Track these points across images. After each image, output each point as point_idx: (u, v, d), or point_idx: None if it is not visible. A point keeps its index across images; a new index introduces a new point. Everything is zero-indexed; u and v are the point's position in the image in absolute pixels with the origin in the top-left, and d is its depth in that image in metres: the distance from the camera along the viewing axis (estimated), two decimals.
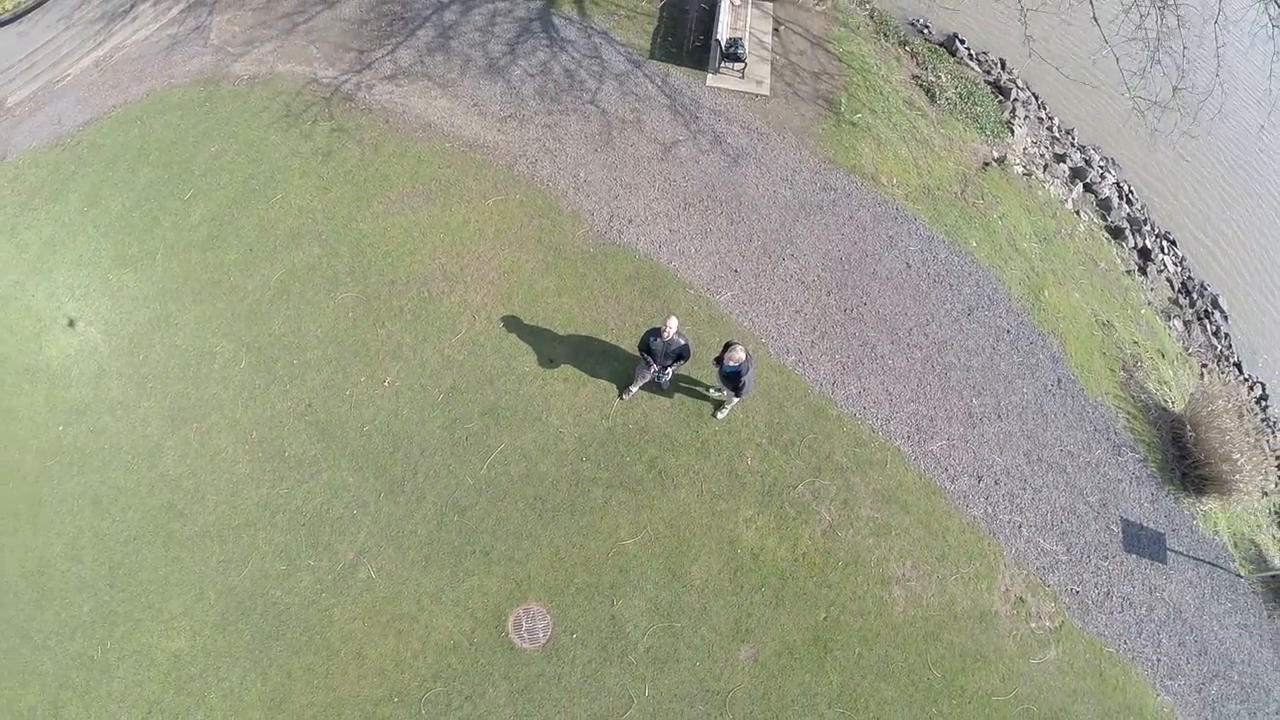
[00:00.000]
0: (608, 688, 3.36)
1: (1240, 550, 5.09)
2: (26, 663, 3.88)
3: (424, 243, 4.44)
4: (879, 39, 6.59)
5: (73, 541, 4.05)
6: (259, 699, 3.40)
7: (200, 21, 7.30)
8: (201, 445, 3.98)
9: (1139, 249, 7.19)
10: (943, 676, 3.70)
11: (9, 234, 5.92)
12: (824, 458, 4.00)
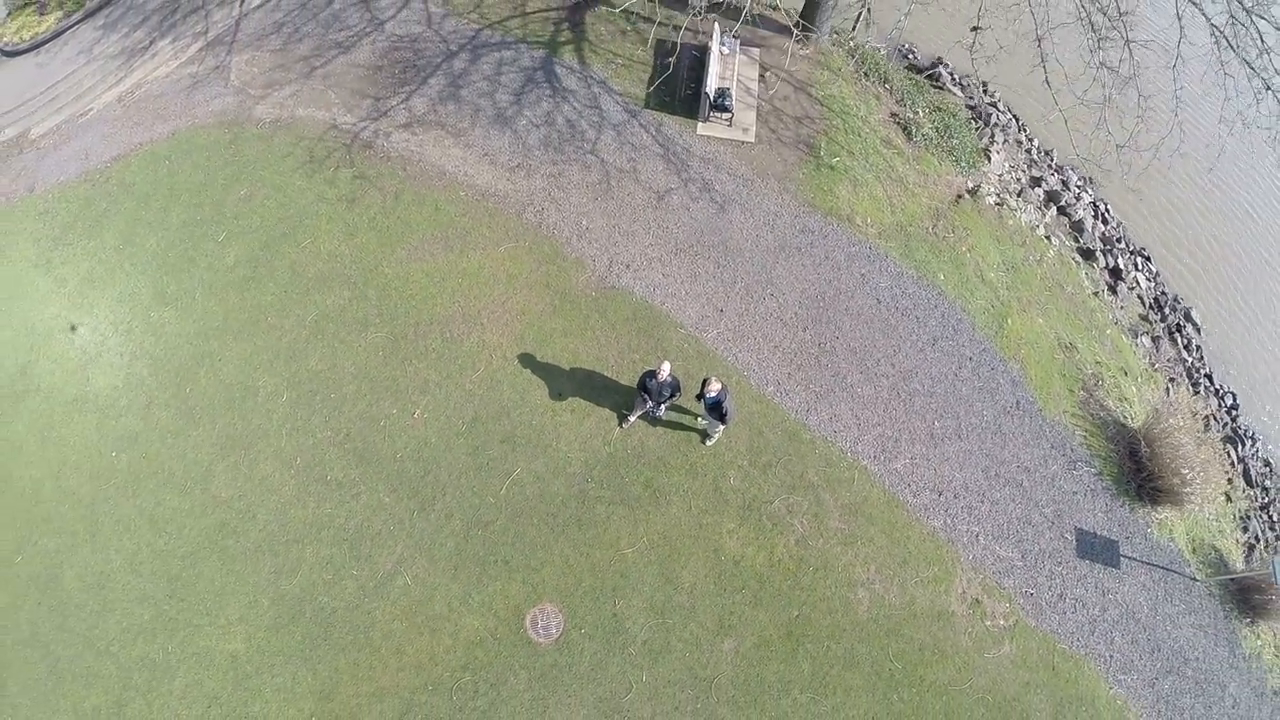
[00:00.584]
0: (611, 675, 4.19)
1: (1199, 555, 5.93)
2: (90, 667, 4.68)
3: (444, 287, 5.27)
4: (860, 79, 7.40)
5: (131, 557, 4.86)
6: (310, 691, 4.20)
7: (220, 61, 8.11)
8: (250, 470, 4.78)
9: (1110, 268, 8.00)
10: (903, 668, 4.55)
11: (45, 268, 6.72)
12: (798, 476, 4.84)
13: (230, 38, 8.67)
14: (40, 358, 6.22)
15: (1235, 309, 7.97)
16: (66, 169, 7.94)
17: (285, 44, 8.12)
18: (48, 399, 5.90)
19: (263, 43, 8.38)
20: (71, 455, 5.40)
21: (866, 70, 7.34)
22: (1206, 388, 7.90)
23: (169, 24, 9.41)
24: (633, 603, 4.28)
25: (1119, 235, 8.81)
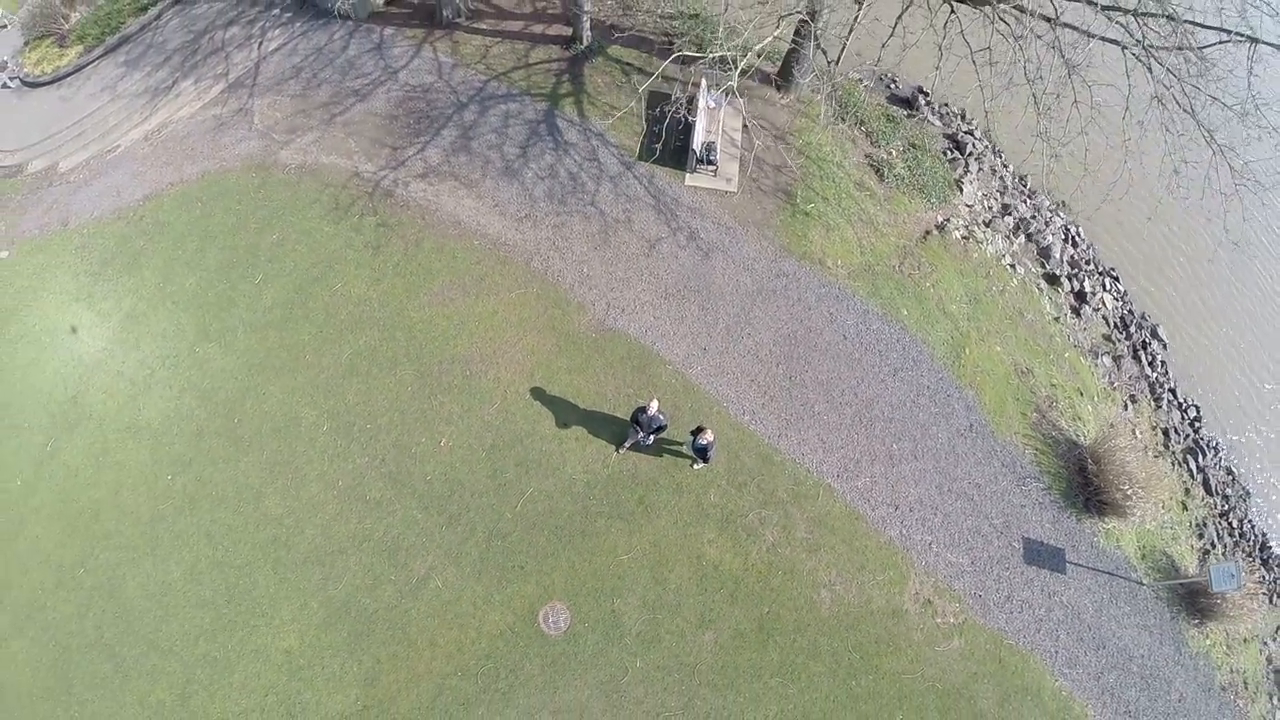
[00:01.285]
0: (610, 662, 5.31)
1: (1149, 561, 7.07)
2: (154, 665, 5.78)
3: (463, 329, 6.41)
4: (837, 123, 8.50)
5: (190, 568, 5.96)
6: (355, 680, 5.30)
7: (243, 104, 9.17)
8: (298, 491, 5.89)
9: (1075, 292, 9.12)
10: (860, 658, 5.71)
11: (87, 301, 7.78)
12: (769, 494, 6.00)
13: (251, 81, 9.73)
14: (89, 388, 7.26)
15: (1203, 324, 8.99)
16: (99, 205, 9.01)
17: (304, 89, 9.21)
18: (100, 426, 6.95)
19: (283, 87, 9.45)
20: (128, 478, 6.48)
21: (844, 114, 8.44)
22: (1170, 401, 8.91)
23: (190, 64, 10.46)
24: (628, 601, 5.40)
25: (1089, 257, 9.87)
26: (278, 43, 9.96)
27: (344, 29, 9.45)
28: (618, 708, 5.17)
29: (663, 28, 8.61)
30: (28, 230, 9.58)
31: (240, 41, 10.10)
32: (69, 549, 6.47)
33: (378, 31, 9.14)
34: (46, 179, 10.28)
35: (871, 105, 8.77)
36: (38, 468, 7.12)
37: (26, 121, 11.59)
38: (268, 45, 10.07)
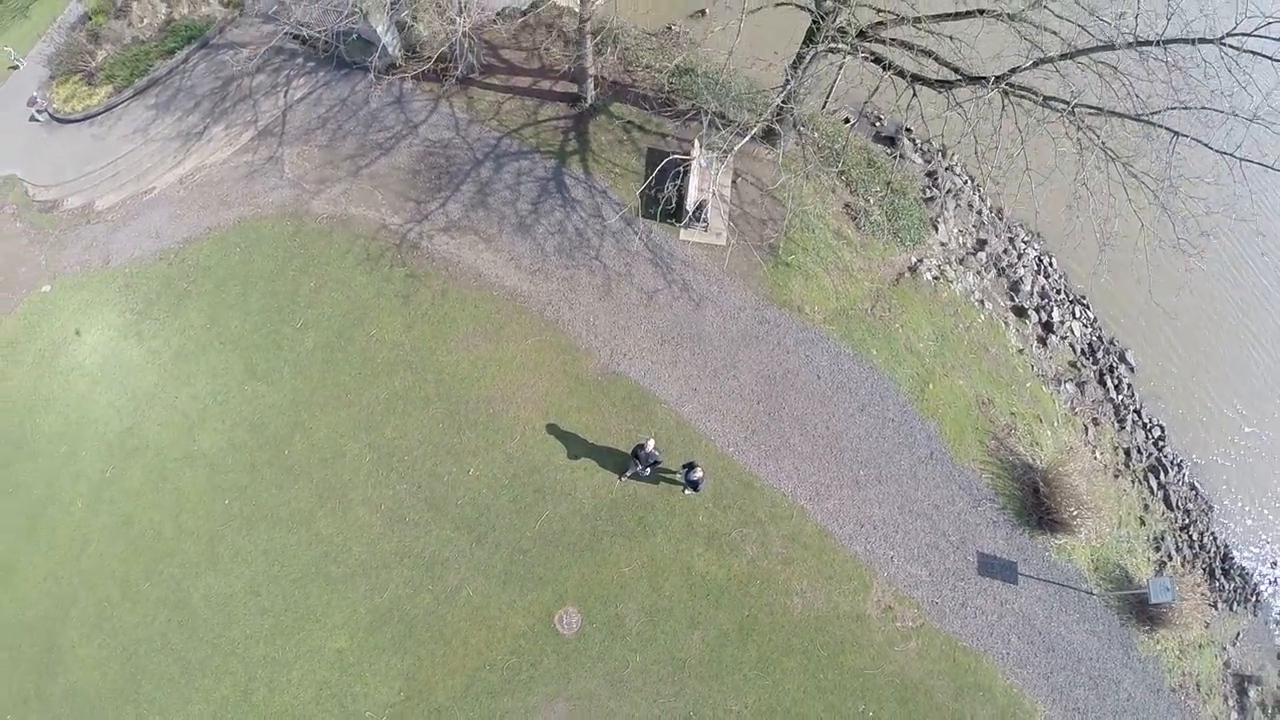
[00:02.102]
0: (614, 657, 6.73)
1: (1100, 573, 8.38)
2: (218, 666, 7.15)
3: (486, 373, 7.84)
4: (818, 176, 9.91)
5: (250, 581, 7.33)
6: (398, 674, 6.71)
7: (273, 153, 10.52)
8: (345, 514, 7.29)
9: (1043, 323, 10.50)
10: (828, 655, 7.13)
11: (137, 338, 9.10)
12: (750, 514, 7.45)
13: (280, 129, 11.10)
14: (145, 420, 8.59)
15: (1172, 347, 10.25)
16: (140, 245, 10.34)
17: (331, 140, 10.57)
18: (159, 455, 8.30)
19: (310, 137, 10.81)
20: (187, 502, 7.82)
21: (825, 164, 9.84)
22: (1134, 422, 10.22)
23: (220, 110, 11.82)
24: (629, 605, 6.84)
25: (1060, 286, 11.26)
26: (303, 92, 11.33)
27: (365, 81, 10.82)
28: (621, 695, 6.59)
29: (660, 84, 10.06)
30: (69, 266, 10.93)
31: (267, 89, 11.47)
32: (134, 565, 7.78)
33: (397, 85, 10.56)
34: (84, 216, 11.62)
35: (854, 149, 10.21)
36: (98, 492, 8.46)
37: (60, 157, 12.99)
38: (293, 94, 11.43)
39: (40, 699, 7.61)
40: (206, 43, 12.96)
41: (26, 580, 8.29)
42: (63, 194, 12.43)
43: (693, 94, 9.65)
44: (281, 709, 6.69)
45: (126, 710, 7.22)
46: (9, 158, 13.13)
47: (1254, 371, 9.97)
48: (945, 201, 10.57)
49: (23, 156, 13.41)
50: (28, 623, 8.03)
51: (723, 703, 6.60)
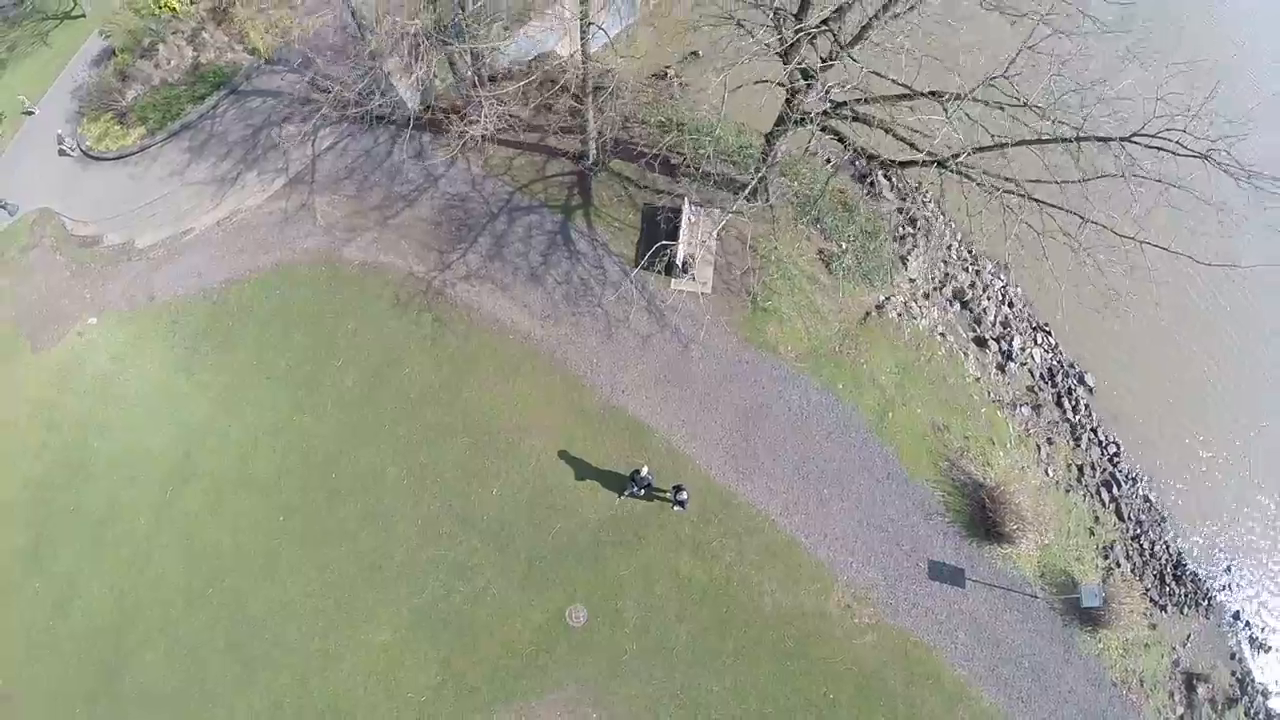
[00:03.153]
0: (615, 645, 8.66)
1: (1047, 579, 10.18)
2: (277, 660, 8.98)
3: (505, 407, 9.75)
4: (795, 224, 11.81)
5: (304, 588, 9.14)
6: (435, 661, 8.57)
7: (305, 200, 12.31)
8: (388, 530, 9.14)
9: (1003, 351, 12.46)
10: (795, 646, 8.99)
11: (186, 372, 10.83)
12: (728, 527, 9.41)
13: (309, 178, 12.89)
14: (199, 448, 10.33)
15: (1131, 369, 11.87)
16: (184, 283, 12.09)
17: (359, 191, 12.38)
18: (214, 480, 10.05)
19: (339, 187, 12.61)
20: (244, 521, 9.58)
21: (802, 213, 11.71)
22: (1090, 440, 12.00)
23: (252, 157, 13.59)
24: (627, 603, 8.75)
25: (1024, 315, 13.20)
26: (329, 141, 13.13)
27: (387, 133, 12.64)
28: (620, 677, 8.48)
29: (655, 140, 11.91)
30: (114, 300, 12.65)
31: (295, 139, 13.27)
32: (196, 577, 9.52)
33: (417, 138, 12.34)
34: (124, 253, 13.32)
35: (832, 192, 12.12)
36: (158, 512, 10.18)
37: (96, 194, 14.75)
38: (320, 144, 13.24)
39: (109, 696, 9.29)
40: (235, 89, 14.75)
41: (92, 591, 9.99)
42: (102, 230, 14.14)
43: (683, 153, 11.54)
44: (335, 694, 8.49)
45: (192, 702, 8.93)
46: (42, 192, 14.83)
47: (1209, 392, 11.54)
48: (917, 239, 12.52)
49: (57, 191, 15.14)
50: (95, 629, 9.72)
51: (705, 684, 8.50)
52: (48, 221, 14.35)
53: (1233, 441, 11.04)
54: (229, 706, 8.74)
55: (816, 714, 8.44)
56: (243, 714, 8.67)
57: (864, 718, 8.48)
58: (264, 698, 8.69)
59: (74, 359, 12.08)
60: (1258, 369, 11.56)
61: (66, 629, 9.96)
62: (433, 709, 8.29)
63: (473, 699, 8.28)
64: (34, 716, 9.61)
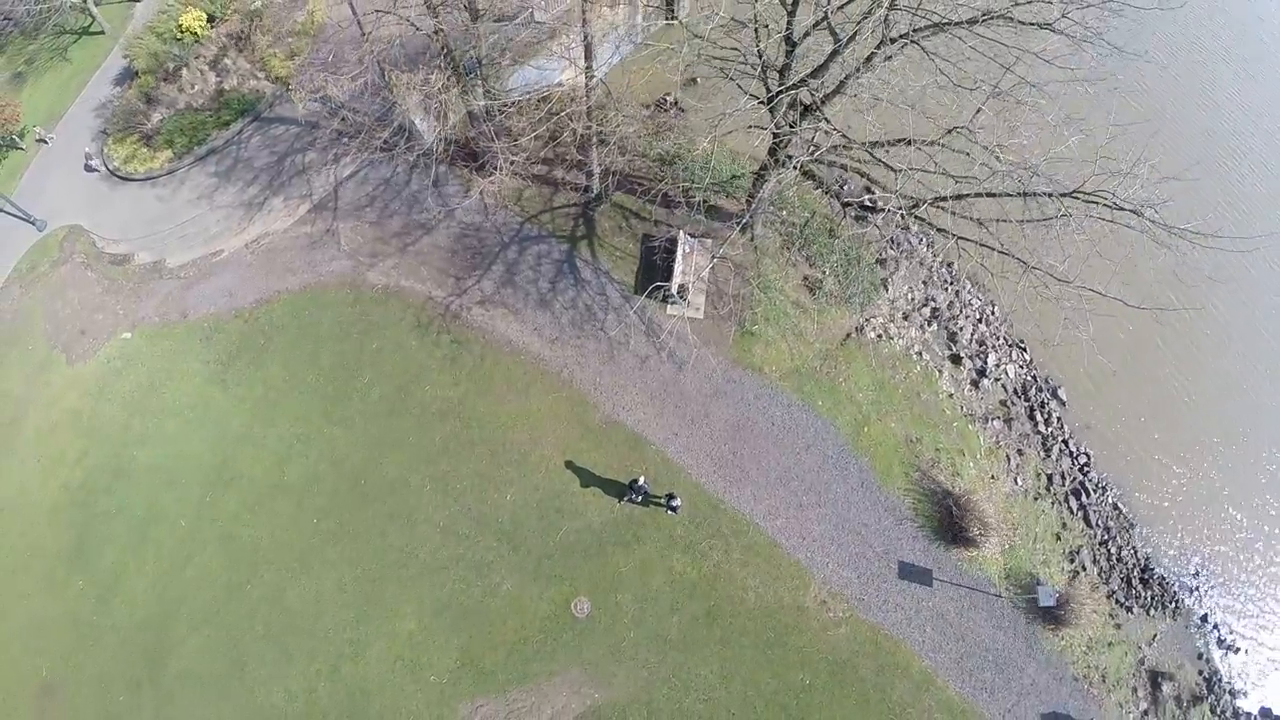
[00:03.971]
0: (615, 634, 10.21)
1: (1012, 580, 11.69)
2: (312, 648, 10.42)
3: (518, 421, 11.26)
4: (781, 252, 13.32)
5: (337, 582, 10.55)
6: (455, 648, 10.07)
7: (329, 226, 13.74)
8: (411, 531, 10.60)
9: (977, 369, 14.05)
10: (775, 635, 10.49)
11: (221, 386, 12.21)
12: (716, 529, 10.96)
13: (333, 204, 14.31)
14: (236, 456, 11.69)
15: (1105, 383, 13.21)
16: (215, 302, 13.49)
17: (380, 218, 13.81)
18: (252, 484, 11.42)
19: (361, 214, 14.05)
20: (280, 522, 10.95)
21: (789, 242, 13.22)
22: (1061, 450, 13.53)
23: (277, 183, 15.01)
24: (626, 596, 10.25)
25: (1000, 332, 14.79)
26: (350, 169, 14.56)
27: (405, 163, 14.04)
28: (619, 662, 9.97)
29: (653, 173, 13.39)
30: (147, 316, 14.00)
31: (318, 166, 14.70)
32: (235, 572, 10.88)
33: (434, 169, 13.76)
34: (156, 271, 14.68)
35: (819, 218, 13.61)
36: (199, 514, 11.54)
37: (126, 214, 16.14)
38: (342, 171, 14.64)
39: (152, 682, 10.63)
40: (258, 116, 16.14)
41: (136, 586, 11.34)
42: (132, 249, 15.50)
43: (681, 185, 13.02)
44: (364, 678, 9.90)
45: (232, 685, 10.27)
46: (70, 209, 16.15)
47: (1182, 406, 12.84)
48: (899, 261, 14.04)
49: (85, 208, 16.51)
50: (138, 621, 11.06)
51: (695, 669, 9.99)
52: (77, 238, 15.68)
53: (1203, 453, 12.49)
54: (268, 688, 10.13)
55: (794, 697, 9.94)
56: (280, 695, 10.08)
57: (837, 702, 9.98)
58: (300, 680, 10.09)
59: (110, 371, 13.42)
60: (1228, 385, 12.95)
61: (110, 622, 11.30)
62: (453, 690, 9.74)
63: (489, 681, 9.76)
64: (79, 703, 10.95)
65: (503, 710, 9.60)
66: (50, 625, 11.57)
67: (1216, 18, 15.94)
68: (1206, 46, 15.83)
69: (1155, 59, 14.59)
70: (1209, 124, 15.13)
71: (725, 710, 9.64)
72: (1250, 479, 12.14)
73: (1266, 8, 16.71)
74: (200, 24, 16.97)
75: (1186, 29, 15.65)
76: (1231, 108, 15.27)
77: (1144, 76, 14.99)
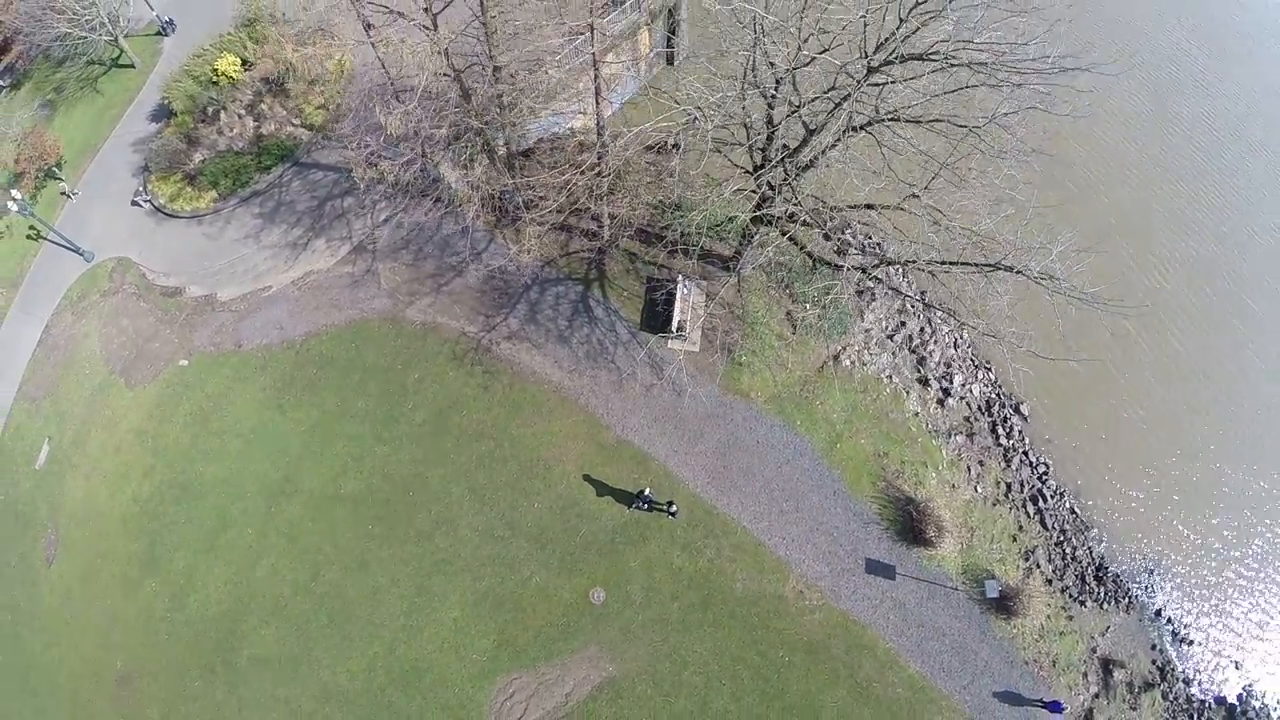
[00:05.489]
0: (625, 618, 13.19)
1: (968, 575, 14.69)
2: (370, 634, 13.32)
3: (543, 441, 14.20)
4: (769, 290, 16.22)
5: (391, 578, 13.38)
6: (493, 631, 12.95)
7: (369, 266, 16.41)
8: (455, 534, 13.47)
9: (943, 389, 17.08)
10: (758, 619, 13.50)
11: (278, 410, 14.80)
12: (709, 531, 14.01)
13: (371, 246, 16.97)
14: (297, 471, 14.29)
15: (1064, 400, 16.34)
16: (267, 334, 16.10)
17: (415, 260, 16.50)
18: (311, 496, 14.02)
19: (398, 256, 16.74)
20: (339, 526, 13.56)
21: (775, 279, 16.10)
22: (1021, 460, 16.75)
23: (319, 225, 17.64)
24: (634, 586, 13.19)
25: (968, 355, 17.90)
26: (385, 214, 17.20)
27: (436, 210, 16.69)
28: (629, 641, 12.83)
29: (654, 219, 16.17)
30: (203, 345, 16.54)
31: (356, 210, 17.35)
32: (301, 571, 13.45)
33: (462, 217, 16.42)
34: (208, 304, 17.19)
35: (798, 264, 16.51)
36: (264, 522, 14.09)
37: (174, 249, 18.75)
38: (378, 216, 17.24)
39: (226, 667, 13.18)
40: (297, 161, 18.68)
41: (208, 585, 13.87)
42: (184, 282, 18.01)
43: (678, 230, 15.82)
44: (416, 658, 12.59)
45: (301, 667, 12.84)
46: (115, 242, 18.58)
47: (1136, 421, 15.25)
48: (875, 293, 16.98)
49: (132, 242, 19.05)
50: (211, 616, 13.59)
51: (692, 647, 12.84)
52: (126, 270, 18.13)
53: (1161, 466, 14.97)
54: (332, 669, 12.76)
55: (775, 671, 12.78)
56: (343, 675, 12.72)
57: (812, 676, 12.84)
58: (360, 661, 12.70)
59: (170, 395, 15.88)
60: (1182, 407, 15.58)
61: (184, 617, 13.80)
62: (491, 666, 12.53)
63: (521, 657, 12.56)
64: (153, 690, 13.46)
65: (533, 682, 12.42)
66: (124, 623, 14.06)
67: (1129, 127, 19.06)
68: (1120, 150, 18.95)
69: (1074, 154, 17.72)
70: (1123, 198, 18.29)
71: (717, 681, 12.53)
72: (1205, 491, 14.75)
73: (1176, 112, 19.75)
74: (235, 69, 19.49)
75: (1105, 129, 18.73)
76: (1139, 186, 18.40)
77: (1069, 157, 18.14)
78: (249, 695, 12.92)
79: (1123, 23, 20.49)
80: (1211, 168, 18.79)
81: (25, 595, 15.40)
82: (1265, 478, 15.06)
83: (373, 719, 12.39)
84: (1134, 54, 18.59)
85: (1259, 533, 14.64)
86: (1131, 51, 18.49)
